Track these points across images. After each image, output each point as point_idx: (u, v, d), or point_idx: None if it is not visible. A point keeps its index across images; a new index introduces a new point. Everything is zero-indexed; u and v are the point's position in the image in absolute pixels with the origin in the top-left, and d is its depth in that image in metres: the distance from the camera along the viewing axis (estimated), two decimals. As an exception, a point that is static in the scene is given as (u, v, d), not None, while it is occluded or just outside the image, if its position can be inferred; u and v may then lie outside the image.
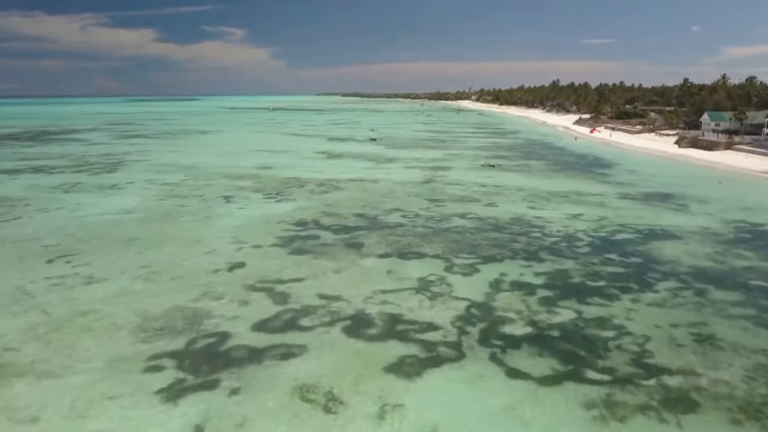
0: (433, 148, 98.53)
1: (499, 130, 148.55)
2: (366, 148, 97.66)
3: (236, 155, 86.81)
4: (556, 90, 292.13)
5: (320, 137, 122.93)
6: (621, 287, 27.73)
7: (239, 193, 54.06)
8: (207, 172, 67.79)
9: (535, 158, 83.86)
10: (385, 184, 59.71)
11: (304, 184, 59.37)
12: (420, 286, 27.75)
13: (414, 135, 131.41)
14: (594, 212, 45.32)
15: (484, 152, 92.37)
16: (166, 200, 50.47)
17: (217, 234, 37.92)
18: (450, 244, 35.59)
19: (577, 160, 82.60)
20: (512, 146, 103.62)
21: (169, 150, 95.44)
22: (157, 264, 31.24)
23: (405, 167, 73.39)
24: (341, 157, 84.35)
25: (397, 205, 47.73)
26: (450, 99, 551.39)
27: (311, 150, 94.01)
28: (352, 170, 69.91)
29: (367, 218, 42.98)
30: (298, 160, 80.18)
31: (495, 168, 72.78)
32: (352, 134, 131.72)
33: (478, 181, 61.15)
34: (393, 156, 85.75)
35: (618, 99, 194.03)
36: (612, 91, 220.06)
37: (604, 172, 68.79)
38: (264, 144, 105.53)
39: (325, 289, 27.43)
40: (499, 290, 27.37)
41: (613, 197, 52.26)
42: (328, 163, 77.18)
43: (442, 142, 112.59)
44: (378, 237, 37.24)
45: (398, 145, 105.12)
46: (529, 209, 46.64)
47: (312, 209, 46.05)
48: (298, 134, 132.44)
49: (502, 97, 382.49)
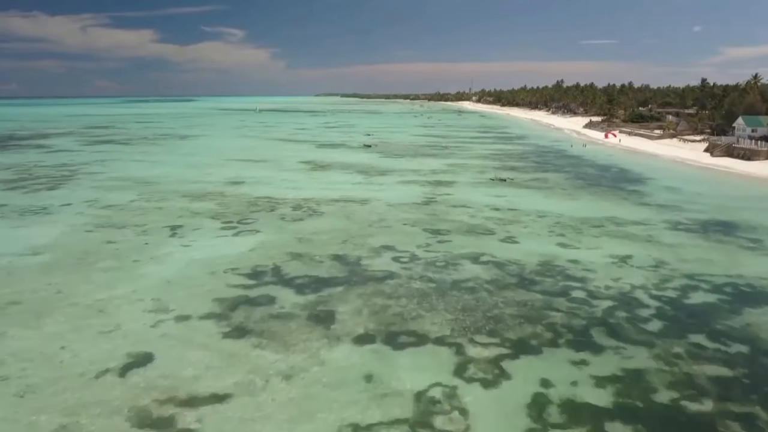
0: (434, 157, 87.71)
1: (505, 135, 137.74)
2: (358, 157, 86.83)
3: (208, 166, 75.94)
4: (560, 91, 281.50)
5: (309, 143, 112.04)
6: (736, 415, 16.90)
7: (192, 221, 43.19)
8: (165, 190, 56.93)
9: (551, 170, 72.95)
10: (375, 206, 48.89)
11: (277, 206, 48.52)
12: (417, 416, 16.92)
13: (412, 140, 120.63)
14: (645, 253, 34.47)
15: (491, 162, 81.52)
16: (95, 233, 39.58)
17: (134, 296, 27.04)
18: (460, 314, 24.76)
19: (600, 172, 71.70)
20: (522, 154, 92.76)
21: (136, 159, 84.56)
22: (13, 359, 20.40)
23: (401, 182, 62.55)
24: (328, 169, 73.47)
25: (389, 241, 36.89)
26: (450, 100, 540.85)
27: (296, 159, 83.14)
28: (338, 187, 59.06)
29: (346, 264, 32.13)
30: (278, 173, 69.29)
31: (506, 183, 61.92)
32: (345, 139, 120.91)
33: (488, 202, 50.32)
34: (388, 167, 74.89)
35: (628, 101, 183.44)
36: (621, 92, 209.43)
37: (637, 190, 57.92)
38: (244, 151, 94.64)
39: (260, 423, 16.62)
40: (543, 421, 16.57)
41: (662, 227, 41.39)
42: (312, 178, 66.27)
43: (444, 149, 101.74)
44: (358, 301, 26.41)
45: (395, 152, 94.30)
46: (559, 247, 35.81)
47: (276, 248, 35.20)
48: (285, 139, 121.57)
49: (503, 98, 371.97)
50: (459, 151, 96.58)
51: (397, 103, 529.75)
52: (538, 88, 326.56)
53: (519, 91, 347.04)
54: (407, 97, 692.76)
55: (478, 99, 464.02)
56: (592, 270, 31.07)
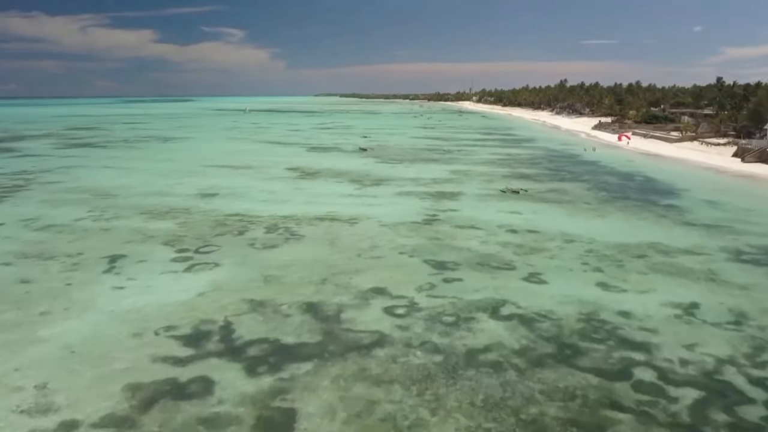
0: (435, 162, 79.63)
1: (511, 137, 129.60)
2: (352, 163, 78.74)
3: (183, 174, 67.83)
4: (564, 91, 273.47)
5: (300, 146, 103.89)
6: None
7: (140, 248, 35.10)
8: (123, 205, 48.82)
9: (568, 179, 64.85)
10: (367, 226, 40.83)
11: (248, 227, 40.44)
12: None
13: (412, 142, 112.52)
14: (715, 300, 26.39)
15: (499, 169, 73.42)
16: (11, 267, 31.46)
17: (9, 381, 18.92)
18: (481, 417, 16.67)
19: (624, 181, 63.60)
20: (532, 160, 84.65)
21: (106, 165, 76.39)
22: None
23: (398, 193, 54.51)
24: (316, 178, 65.36)
25: (381, 280, 28.82)
26: (450, 100, 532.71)
27: (282, 166, 75.01)
28: (325, 200, 51.01)
29: (322, 320, 24.04)
30: (259, 182, 61.19)
31: (520, 195, 53.85)
32: (339, 142, 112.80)
33: (502, 221, 42.25)
34: (384, 175, 66.79)
35: (637, 101, 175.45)
36: (629, 91, 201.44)
37: (673, 204, 49.84)
38: (227, 156, 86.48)
39: None
40: None
41: (722, 259, 33.28)
42: (296, 188, 58.17)
43: (446, 153, 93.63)
44: (332, 391, 18.29)
45: (392, 157, 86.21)
46: (600, 290, 27.76)
47: (233, 293, 27.11)
48: (275, 142, 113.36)
49: (505, 98, 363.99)
50: (462, 156, 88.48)
51: (397, 103, 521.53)
52: (540, 88, 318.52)
53: (521, 90, 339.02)
54: (407, 97, 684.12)
55: (478, 99, 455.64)
56: (652, 330, 22.98)
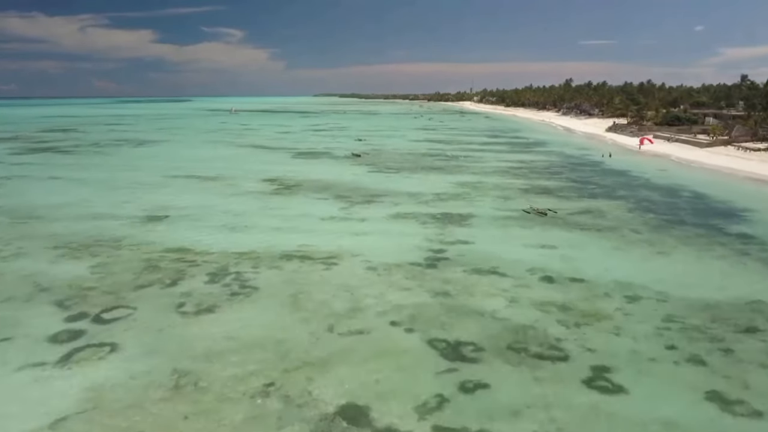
0: (439, 171, 68.68)
1: (520, 140, 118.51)
2: (341, 172, 67.77)
3: (139, 187, 56.91)
4: (569, 90, 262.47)
5: (286, 151, 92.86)
6: None
7: (17, 311, 24.19)
8: (38, 233, 37.87)
9: (599, 194, 53.81)
10: (347, 272, 29.90)
11: (185, 274, 29.49)
12: None
13: (411, 147, 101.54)
14: None
15: (514, 179, 62.44)
16: None
17: None
18: None
19: (670, 198, 52.55)
20: (549, 168, 73.68)
21: (52, 176, 65.34)
22: None
23: (393, 216, 43.56)
24: (295, 193, 54.38)
25: (359, 390, 17.92)
26: (450, 100, 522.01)
27: (259, 176, 64.03)
28: (299, 226, 40.07)
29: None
30: (222, 200, 50.22)
31: (548, 218, 42.88)
32: (331, 146, 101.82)
33: (534, 263, 31.28)
34: (377, 189, 55.86)
35: (652, 100, 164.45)
36: (641, 90, 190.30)
37: (749, 235, 38.67)
38: (199, 164, 75.47)
39: None
40: None
41: None
42: (266, 208, 47.19)
43: (450, 159, 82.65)
44: None
45: (388, 164, 75.28)
46: (712, 407, 16.84)
47: (116, 415, 16.14)
48: (260, 146, 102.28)
49: (507, 98, 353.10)
50: (469, 163, 77.50)
51: (396, 104, 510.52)
52: (544, 88, 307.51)
53: (524, 90, 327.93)
54: (406, 97, 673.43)
55: (479, 99, 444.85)
56: None
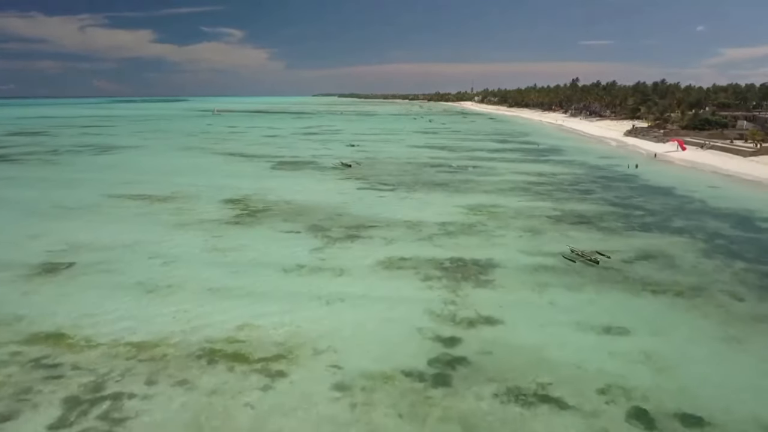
0: (443, 189, 56.48)
1: (532, 146, 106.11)
2: (324, 190, 55.57)
3: (58, 215, 44.67)
4: (577, 90, 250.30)
5: (266, 161, 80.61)
6: None
7: None
8: None
9: (656, 227, 41.38)
10: (297, 397, 17.67)
11: (30, 397, 17.22)
12: None
13: (410, 154, 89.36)
14: None
15: (539, 202, 50.15)
16: None
17: None
18: None
19: (754, 233, 40.23)
20: (578, 185, 61.47)
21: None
22: None
23: (382, 267, 31.28)
24: (259, 222, 42.01)
25: None
26: (451, 100, 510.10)
27: (222, 195, 51.76)
28: (246, 287, 27.79)
29: None
30: (159, 236, 37.90)
31: (601, 271, 30.59)
32: (319, 153, 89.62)
33: (604, 376, 19.08)
34: (365, 217, 43.58)
35: (669, 101, 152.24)
36: (657, 90, 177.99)
37: None
38: (156, 178, 63.12)
39: None
40: None
41: None
42: (212, 250, 34.83)
43: (456, 171, 70.42)
44: None
45: (382, 178, 63.09)
46: None
47: None
48: (239, 154, 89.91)
49: (510, 98, 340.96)
50: (479, 177, 65.26)
51: (395, 104, 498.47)
52: (549, 88, 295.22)
53: (528, 90, 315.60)
54: (406, 97, 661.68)
55: (481, 99, 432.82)
56: None
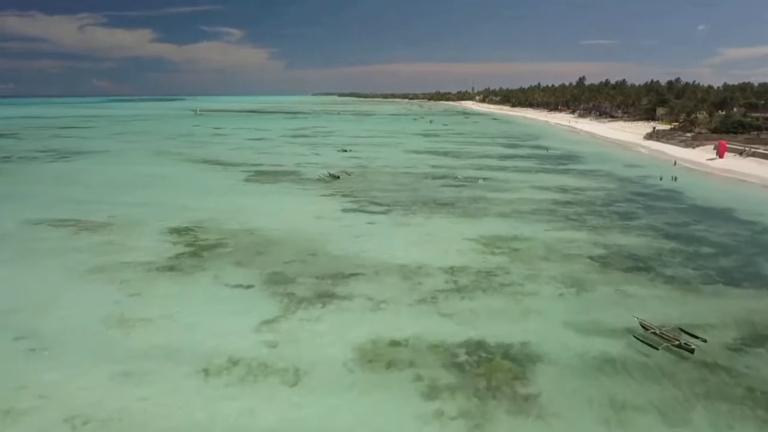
0: (449, 211, 45.59)
1: (546, 152, 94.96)
2: (300, 214, 44.67)
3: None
4: (584, 89, 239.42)
5: (243, 170, 69.64)
6: None
7: None
8: None
9: (744, 277, 30.46)
10: None
11: None
12: None
13: (409, 162, 78.52)
14: None
15: (573, 232, 39.16)
16: None
17: None
18: None
19: None
20: (614, 205, 50.59)
21: None
22: None
23: (362, 359, 20.35)
24: (200, 268, 30.97)
25: None
26: (451, 100, 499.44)
27: (170, 223, 40.81)
28: (149, 404, 16.87)
29: None
30: (51, 298, 27.01)
31: (698, 365, 19.72)
32: (306, 160, 78.82)
33: None
34: (346, 259, 32.63)
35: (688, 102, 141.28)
36: (672, 88, 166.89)
37: None
38: (102, 196, 52.21)
39: None
40: None
41: None
42: (118, 323, 23.91)
43: (463, 185, 59.51)
44: None
45: (374, 195, 52.28)
46: None
47: None
48: (214, 162, 78.88)
49: (513, 98, 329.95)
50: (492, 193, 54.38)
51: (395, 103, 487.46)
52: (554, 87, 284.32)
53: (533, 89, 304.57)
54: (406, 96, 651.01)
55: (482, 99, 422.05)
56: None
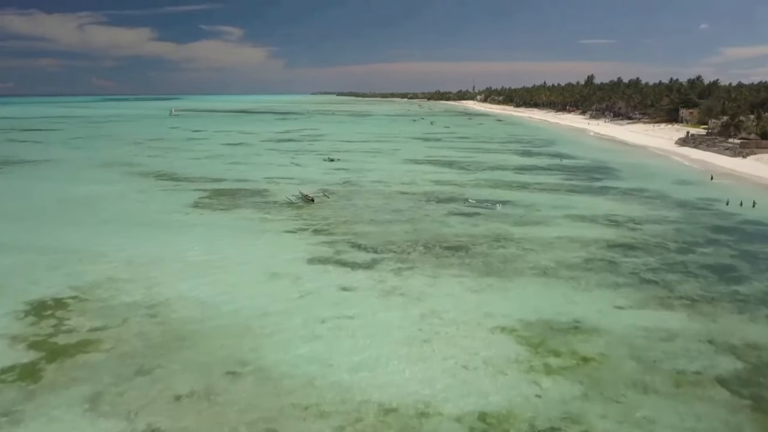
0: (460, 263, 31.33)
1: (569, 162, 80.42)
2: (245, 269, 30.36)
3: None
4: (593, 88, 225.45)
5: (197, 188, 55.31)
6: None
7: None
8: None
9: None
10: None
11: None
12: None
13: (405, 177, 64.26)
14: None
15: (657, 309, 24.88)
16: None
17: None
18: None
19: None
20: (695, 250, 36.24)
21: None
22: None
23: None
24: (38, 404, 16.84)
25: None
26: (451, 99, 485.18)
27: (30, 295, 26.62)
28: None
29: None
30: None
31: None
32: (279, 174, 64.61)
33: None
34: (292, 385, 18.40)
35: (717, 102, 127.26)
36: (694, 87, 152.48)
37: None
38: None
39: None
40: None
41: None
42: None
43: (477, 216, 45.08)
44: None
45: (357, 232, 38.00)
46: None
47: None
48: (168, 176, 64.49)
49: (517, 98, 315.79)
50: (518, 230, 39.95)
51: (394, 103, 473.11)
52: (561, 86, 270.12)
53: (538, 89, 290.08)
54: (405, 95, 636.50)
55: (484, 98, 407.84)
56: None
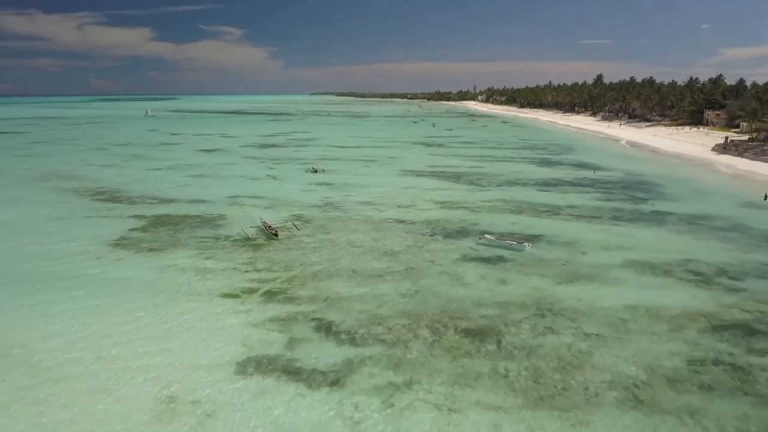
0: (489, 381, 19.59)
1: (597, 174, 68.63)
2: (149, 372, 18.58)
3: None
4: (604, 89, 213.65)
5: (136, 215, 43.48)
6: None
7: None
8: None
9: None
10: None
11: None
12: None
13: (403, 198, 52.39)
14: None
15: None
16: None
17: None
18: None
19: None
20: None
21: None
22: None
23: None
24: None
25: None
26: (452, 99, 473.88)
27: None
28: None
29: None
30: None
31: None
32: (247, 192, 52.86)
33: None
34: None
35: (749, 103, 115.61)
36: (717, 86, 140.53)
37: None
38: None
39: None
40: None
41: None
42: None
43: (502, 262, 33.14)
44: None
45: (330, 295, 26.26)
46: None
47: None
48: (108, 196, 52.70)
49: (521, 98, 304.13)
50: (566, 291, 28.15)
51: (393, 103, 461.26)
52: (568, 85, 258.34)
53: (544, 89, 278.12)
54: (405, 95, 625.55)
55: (485, 99, 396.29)
56: None
